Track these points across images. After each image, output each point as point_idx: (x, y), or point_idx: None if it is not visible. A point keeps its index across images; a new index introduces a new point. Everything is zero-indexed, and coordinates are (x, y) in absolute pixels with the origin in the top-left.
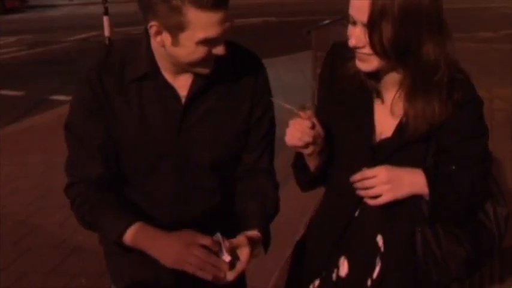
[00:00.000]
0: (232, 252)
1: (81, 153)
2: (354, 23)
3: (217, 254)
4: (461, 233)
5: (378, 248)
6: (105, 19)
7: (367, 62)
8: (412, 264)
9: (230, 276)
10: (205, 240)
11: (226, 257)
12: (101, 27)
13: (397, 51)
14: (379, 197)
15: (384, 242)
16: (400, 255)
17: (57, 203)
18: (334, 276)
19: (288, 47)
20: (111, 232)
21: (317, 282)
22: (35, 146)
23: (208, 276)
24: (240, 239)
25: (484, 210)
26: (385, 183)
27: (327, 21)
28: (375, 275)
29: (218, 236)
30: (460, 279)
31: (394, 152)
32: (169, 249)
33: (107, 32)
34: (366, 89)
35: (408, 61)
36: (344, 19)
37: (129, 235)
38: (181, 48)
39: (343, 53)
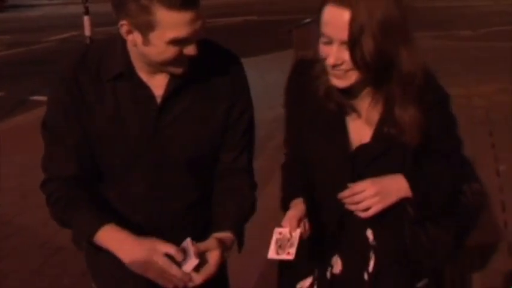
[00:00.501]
0: (202, 255)
1: (56, 151)
2: (329, 42)
3: (184, 261)
4: (445, 219)
5: (369, 242)
6: (86, 19)
7: (345, 78)
8: (404, 255)
9: (197, 279)
10: (169, 249)
11: (194, 261)
12: (81, 26)
13: (379, 63)
14: (369, 209)
15: (375, 236)
16: (392, 248)
17: (40, 203)
18: (328, 274)
19: (270, 46)
20: (83, 231)
21: (308, 281)
22: (17, 146)
23: (169, 285)
24: (211, 241)
25: (461, 191)
26: (374, 196)
27: (308, 20)
28: (370, 268)
29: (187, 241)
30: (449, 259)
31: (375, 159)
32: (134, 254)
33: (87, 32)
34: (339, 103)
35: (388, 72)
36: None
37: (99, 236)
38: (151, 48)
39: (308, 71)
